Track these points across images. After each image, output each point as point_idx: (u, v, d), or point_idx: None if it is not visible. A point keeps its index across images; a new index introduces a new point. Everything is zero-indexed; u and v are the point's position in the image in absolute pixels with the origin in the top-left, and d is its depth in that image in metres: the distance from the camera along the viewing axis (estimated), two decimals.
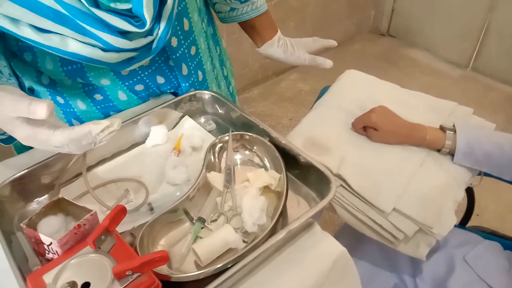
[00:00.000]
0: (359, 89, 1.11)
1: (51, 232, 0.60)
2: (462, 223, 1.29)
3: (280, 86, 2.87)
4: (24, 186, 0.74)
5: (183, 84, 0.92)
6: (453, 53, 2.96)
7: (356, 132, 0.98)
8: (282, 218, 0.69)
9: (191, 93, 0.90)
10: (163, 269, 0.59)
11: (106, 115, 0.90)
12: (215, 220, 0.70)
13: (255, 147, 0.80)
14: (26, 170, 0.73)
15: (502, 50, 2.69)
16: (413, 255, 0.85)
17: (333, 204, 0.89)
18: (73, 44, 0.66)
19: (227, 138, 0.79)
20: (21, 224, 0.59)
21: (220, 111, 0.91)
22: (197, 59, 0.94)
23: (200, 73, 0.96)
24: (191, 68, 0.92)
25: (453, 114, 1.04)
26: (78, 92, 0.86)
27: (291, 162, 0.75)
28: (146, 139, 0.85)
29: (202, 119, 0.92)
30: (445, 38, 2.97)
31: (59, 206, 0.64)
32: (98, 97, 0.87)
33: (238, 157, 0.80)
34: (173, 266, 0.63)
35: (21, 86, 0.88)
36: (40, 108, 0.54)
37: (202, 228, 0.68)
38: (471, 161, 0.90)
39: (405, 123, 0.94)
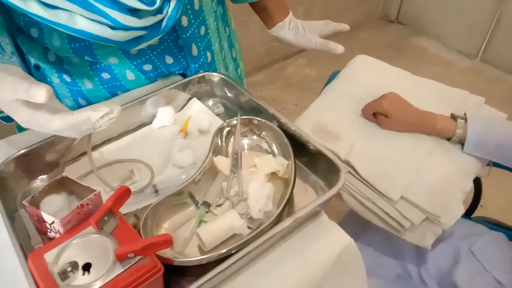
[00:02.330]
0: (370, 75, 1.09)
1: (54, 210, 0.59)
2: (468, 214, 1.28)
3: (286, 71, 2.83)
4: (29, 163, 0.73)
5: (192, 65, 0.90)
6: (463, 43, 2.91)
7: (365, 119, 0.96)
8: (288, 206, 0.68)
9: (200, 74, 0.88)
10: (166, 252, 0.58)
11: (113, 95, 0.89)
12: (220, 205, 0.69)
13: (263, 132, 0.78)
14: (31, 147, 0.72)
15: None
16: (419, 244, 0.84)
17: (340, 190, 0.88)
18: (81, 21, 0.65)
19: (235, 122, 0.77)
20: (23, 202, 0.58)
21: (229, 94, 0.89)
22: (206, 39, 0.92)
23: (209, 54, 0.94)
24: (201, 48, 0.90)
25: (464, 103, 1.02)
26: (85, 71, 0.84)
27: (300, 149, 0.74)
28: (153, 120, 0.84)
29: (210, 102, 0.90)
30: (455, 28, 2.91)
31: (62, 185, 0.63)
32: (106, 75, 0.85)
33: (245, 142, 0.78)
34: (176, 249, 0.62)
35: (26, 64, 0.87)
36: (39, 92, 0.53)
37: (207, 212, 0.67)
38: (482, 151, 0.89)
39: (416, 111, 0.93)
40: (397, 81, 1.07)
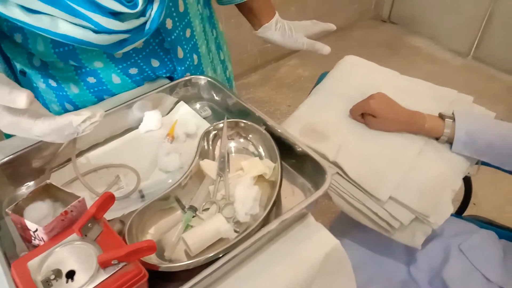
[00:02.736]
0: (358, 75, 1.09)
1: (39, 218, 0.59)
2: (459, 212, 1.28)
3: (279, 72, 2.84)
4: (14, 170, 0.72)
5: (179, 68, 0.90)
6: (455, 42, 2.92)
7: (354, 119, 0.96)
8: (275, 208, 0.68)
9: (187, 78, 0.88)
10: (151, 258, 0.58)
11: (100, 99, 0.88)
12: (207, 209, 0.68)
13: (250, 135, 0.78)
14: (16, 154, 0.72)
15: (505, 39, 2.65)
16: (409, 244, 0.85)
17: (329, 192, 0.88)
18: (63, 26, 0.64)
19: (221, 125, 0.77)
20: (6, 210, 0.58)
21: (216, 97, 0.89)
22: (192, 42, 0.92)
23: (195, 56, 0.94)
24: (187, 51, 0.90)
25: (453, 102, 1.03)
26: (71, 75, 0.83)
27: (287, 151, 0.73)
28: (139, 124, 0.83)
29: (198, 105, 0.90)
30: (447, 26, 2.92)
31: (47, 192, 0.62)
32: (91, 80, 0.85)
33: (232, 145, 0.78)
34: (162, 254, 0.62)
35: (12, 70, 0.86)
36: (20, 97, 0.52)
37: (193, 216, 0.67)
38: (471, 150, 0.89)
39: (404, 110, 0.93)
40: (386, 81, 1.08)
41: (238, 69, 2.67)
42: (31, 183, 0.75)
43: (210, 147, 0.76)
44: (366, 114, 0.93)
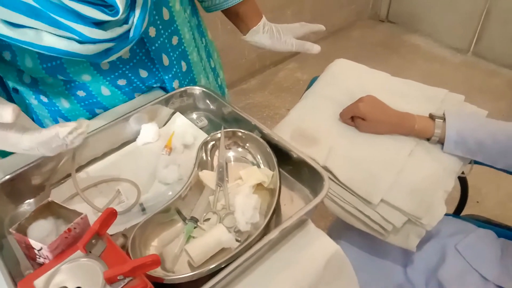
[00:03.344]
0: (349, 79, 1.10)
1: (42, 236, 0.59)
2: (457, 212, 1.28)
3: (277, 76, 2.84)
4: (14, 188, 0.73)
5: (166, 76, 0.90)
6: (454, 38, 2.92)
7: (344, 123, 0.97)
8: (275, 216, 0.69)
9: (182, 89, 0.89)
10: (156, 270, 0.59)
11: (91, 112, 0.89)
12: (208, 219, 0.69)
13: (247, 144, 0.79)
14: (15, 172, 0.72)
15: (504, 34, 2.65)
16: (403, 246, 0.85)
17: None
18: (48, 38, 0.65)
19: (219, 135, 0.78)
20: (10, 229, 0.58)
21: (211, 107, 0.90)
22: (180, 49, 0.92)
23: (184, 63, 0.95)
24: (173, 58, 0.91)
25: (445, 101, 1.03)
26: (61, 90, 0.84)
27: (284, 158, 0.75)
28: (137, 137, 0.84)
29: (194, 115, 0.91)
30: (446, 23, 2.92)
31: (49, 210, 0.63)
32: (81, 93, 0.85)
33: (230, 154, 0.79)
34: (166, 267, 0.63)
35: (5, 87, 0.87)
36: (6, 112, 0.54)
37: (195, 227, 0.67)
38: (463, 150, 0.90)
39: (393, 112, 0.93)
40: (377, 83, 1.08)
41: (236, 74, 2.67)
42: (31, 200, 0.75)
43: (209, 158, 0.77)
44: (356, 117, 0.94)
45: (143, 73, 0.88)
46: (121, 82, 0.87)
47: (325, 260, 0.63)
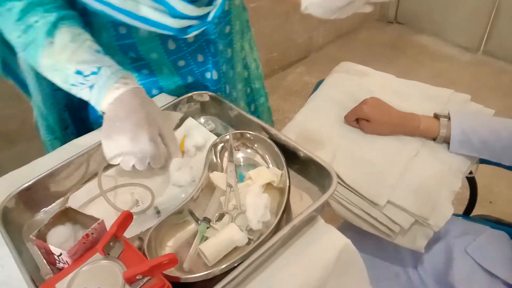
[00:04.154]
0: (353, 81, 1.11)
1: (60, 241, 0.61)
2: (467, 213, 1.28)
3: (286, 80, 2.84)
4: (31, 197, 0.75)
5: (214, 59, 0.96)
6: (463, 37, 2.91)
7: (349, 125, 0.98)
8: (286, 214, 0.71)
9: (189, 94, 0.91)
10: (172, 270, 0.60)
11: (149, 92, 0.95)
12: (220, 219, 0.71)
13: (255, 145, 0.81)
14: (32, 181, 0.74)
15: None
16: (411, 247, 0.85)
17: (328, 199, 0.89)
18: (145, 10, 0.71)
19: (227, 137, 0.80)
20: (30, 236, 0.60)
21: (219, 111, 0.92)
22: (229, 38, 1.00)
23: (229, 50, 1.02)
24: (224, 46, 0.98)
25: (450, 101, 1.03)
26: (128, 68, 0.89)
27: (292, 158, 0.76)
28: None
29: (202, 120, 0.93)
30: (454, 22, 2.91)
31: (66, 216, 0.65)
32: (145, 71, 0.93)
33: (239, 155, 0.81)
34: (181, 266, 0.64)
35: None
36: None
37: (207, 228, 0.69)
38: (468, 148, 0.90)
39: (397, 113, 0.94)
40: (381, 85, 1.09)
41: None
42: (47, 208, 0.77)
43: (218, 159, 0.79)
44: (361, 119, 0.95)
45: (200, 58, 0.94)
46: (181, 63, 0.93)
47: (336, 254, 0.65)
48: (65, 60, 0.70)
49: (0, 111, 1.68)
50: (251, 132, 0.80)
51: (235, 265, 0.60)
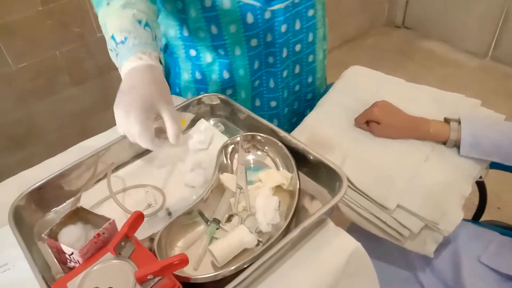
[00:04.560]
0: (363, 85, 1.11)
1: (72, 241, 0.62)
2: (476, 218, 1.26)
3: None
4: (42, 196, 0.76)
5: (295, 39, 1.00)
6: (471, 43, 2.88)
7: (359, 128, 0.98)
8: (296, 217, 0.71)
9: (199, 97, 0.91)
10: (182, 270, 0.61)
11: (220, 73, 1.00)
12: (230, 220, 0.71)
13: (266, 147, 0.81)
14: (43, 181, 0.75)
15: None
16: (421, 252, 0.84)
17: (338, 202, 0.89)
18: None
19: (238, 139, 0.80)
20: (42, 235, 0.61)
21: (228, 113, 0.92)
22: (312, 22, 1.02)
23: (311, 35, 1.04)
24: (304, 27, 1.01)
25: (460, 106, 1.02)
26: (208, 46, 0.96)
27: (302, 161, 0.76)
28: None
29: (212, 122, 0.93)
30: (462, 28, 2.89)
31: (78, 215, 0.65)
32: (221, 52, 0.97)
33: (250, 157, 0.81)
34: (190, 267, 0.65)
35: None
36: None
37: (217, 229, 0.69)
38: (479, 152, 0.89)
39: (407, 116, 0.94)
40: (391, 89, 1.08)
41: None
42: (58, 208, 0.78)
43: (229, 161, 0.79)
44: (371, 121, 0.95)
45: (269, 37, 0.96)
46: (253, 42, 0.95)
47: (346, 257, 0.65)
48: (109, 23, 0.72)
49: (8, 115, 1.70)
50: (261, 135, 0.80)
51: (245, 266, 0.60)
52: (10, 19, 1.53)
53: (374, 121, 0.94)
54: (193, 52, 1.00)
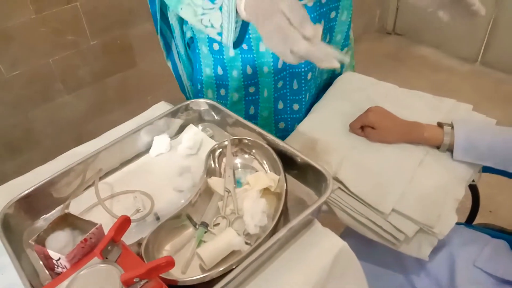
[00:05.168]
0: (357, 91, 1.11)
1: (60, 246, 0.62)
2: (469, 221, 1.26)
3: None
4: (31, 204, 0.76)
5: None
6: (462, 48, 2.90)
7: (354, 133, 0.99)
8: (283, 218, 0.71)
9: (187, 102, 0.92)
10: (169, 273, 0.61)
11: (244, 69, 1.00)
12: (218, 224, 0.72)
13: (253, 151, 0.81)
14: (31, 189, 0.75)
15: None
16: (416, 256, 0.85)
17: (333, 207, 0.89)
18: None
19: (226, 143, 0.80)
20: (30, 241, 0.61)
21: (216, 118, 0.93)
22: (331, 24, 1.02)
23: (328, 37, 1.04)
24: (325, 29, 1.00)
25: (452, 111, 1.03)
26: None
27: (289, 163, 0.77)
28: (149, 149, 0.88)
29: (200, 127, 0.94)
30: (452, 34, 2.89)
31: (66, 221, 0.66)
32: (245, 46, 0.96)
33: (237, 161, 0.82)
34: (179, 270, 0.65)
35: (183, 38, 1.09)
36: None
37: (205, 232, 0.70)
38: (473, 156, 0.90)
39: (402, 121, 0.95)
40: (384, 95, 1.09)
41: None
42: (47, 215, 0.78)
43: (217, 165, 0.80)
44: (366, 126, 0.96)
45: None
46: None
47: (332, 256, 0.65)
48: None
49: (4, 120, 1.70)
50: (249, 138, 0.80)
51: (233, 267, 0.60)
52: (3, 26, 1.53)
53: (369, 126, 0.95)
54: (216, 46, 0.99)
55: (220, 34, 0.73)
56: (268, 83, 1.03)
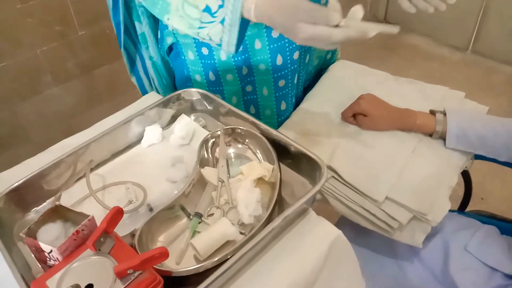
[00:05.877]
0: (349, 79, 1.11)
1: (51, 239, 0.61)
2: (462, 208, 1.28)
3: None
4: (21, 197, 0.74)
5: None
6: (453, 37, 2.91)
7: (346, 122, 0.98)
8: (278, 208, 0.71)
9: (178, 92, 0.90)
10: (163, 264, 0.60)
11: (239, 68, 0.96)
12: (212, 214, 0.71)
13: (247, 140, 0.81)
14: (21, 181, 0.74)
15: (502, 31, 2.63)
16: (409, 243, 0.85)
17: (327, 196, 0.89)
18: None
19: (219, 133, 0.80)
20: (20, 234, 0.60)
21: (209, 107, 0.92)
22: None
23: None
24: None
25: (445, 99, 1.03)
26: None
27: (283, 152, 0.76)
28: (141, 139, 0.87)
29: (192, 117, 0.93)
30: (444, 22, 2.90)
31: (57, 213, 0.64)
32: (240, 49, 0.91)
33: (231, 151, 0.81)
34: (173, 261, 0.64)
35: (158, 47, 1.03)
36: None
37: (199, 223, 0.69)
38: (465, 144, 0.90)
39: (394, 108, 0.95)
40: (377, 83, 1.09)
41: None
42: (38, 208, 0.77)
43: (210, 155, 0.79)
44: (358, 114, 0.95)
45: None
46: (275, 34, 0.90)
47: (327, 245, 0.65)
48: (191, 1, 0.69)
49: None
50: (242, 128, 0.80)
51: (227, 257, 0.60)
52: None
53: (361, 114, 0.94)
54: (205, 51, 0.95)
55: (219, 45, 0.71)
56: (267, 81, 1.00)
